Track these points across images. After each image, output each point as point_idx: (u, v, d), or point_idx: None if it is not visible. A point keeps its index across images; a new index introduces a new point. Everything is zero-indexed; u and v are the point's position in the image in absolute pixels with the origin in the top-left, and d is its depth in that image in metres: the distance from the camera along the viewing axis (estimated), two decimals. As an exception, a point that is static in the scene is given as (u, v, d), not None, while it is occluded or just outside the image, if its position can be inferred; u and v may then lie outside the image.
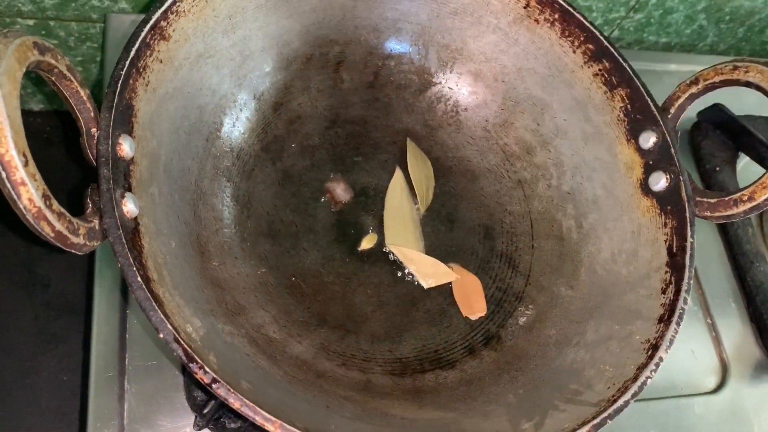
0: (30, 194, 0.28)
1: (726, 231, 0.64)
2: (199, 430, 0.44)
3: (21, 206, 0.28)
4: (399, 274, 0.49)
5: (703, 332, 0.59)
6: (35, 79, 0.69)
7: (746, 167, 0.68)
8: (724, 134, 0.67)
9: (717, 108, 0.65)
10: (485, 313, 0.48)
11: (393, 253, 0.49)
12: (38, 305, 0.65)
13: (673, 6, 0.70)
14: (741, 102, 0.64)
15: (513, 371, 0.44)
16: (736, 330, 0.60)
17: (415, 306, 0.48)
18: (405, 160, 0.53)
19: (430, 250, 0.51)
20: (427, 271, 0.49)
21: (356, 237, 0.50)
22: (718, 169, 0.65)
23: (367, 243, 0.49)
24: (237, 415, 0.44)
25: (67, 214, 0.31)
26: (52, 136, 0.71)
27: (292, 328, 0.44)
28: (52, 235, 0.30)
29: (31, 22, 0.59)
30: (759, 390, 0.57)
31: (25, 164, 0.28)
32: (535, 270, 0.50)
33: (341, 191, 0.50)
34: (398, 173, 0.52)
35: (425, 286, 0.49)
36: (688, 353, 0.58)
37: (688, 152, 0.68)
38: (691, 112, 0.67)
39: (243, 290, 0.44)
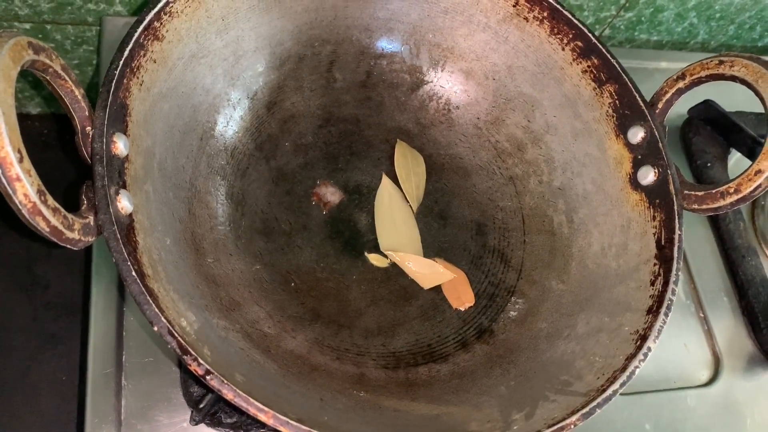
0: (25, 189, 0.29)
1: (718, 226, 0.64)
2: (196, 425, 0.44)
3: (16, 201, 0.29)
4: (392, 270, 0.50)
5: (695, 326, 0.59)
6: (33, 82, 0.70)
7: (738, 163, 0.68)
8: (715, 130, 0.68)
9: (707, 104, 0.66)
10: (473, 303, 0.49)
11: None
12: (37, 306, 0.65)
13: (663, 4, 0.71)
14: (731, 98, 0.64)
15: (505, 364, 0.45)
16: (728, 323, 0.60)
17: (408, 301, 0.49)
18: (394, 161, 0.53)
19: (423, 247, 0.51)
20: (424, 272, 0.50)
21: (349, 234, 0.50)
22: (709, 164, 0.66)
23: (376, 261, 0.50)
24: (233, 410, 0.44)
25: (62, 210, 0.31)
26: (50, 139, 0.72)
27: (286, 324, 0.44)
28: (47, 229, 0.30)
29: (27, 26, 0.60)
30: (751, 382, 0.58)
31: (20, 160, 0.29)
32: (526, 265, 0.51)
33: (330, 195, 0.51)
34: (385, 180, 0.53)
35: (424, 287, 0.49)
36: (681, 347, 0.58)
37: (680, 148, 0.69)
38: (682, 108, 0.68)
39: (237, 286, 0.44)
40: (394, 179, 0.53)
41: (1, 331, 0.63)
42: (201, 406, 0.43)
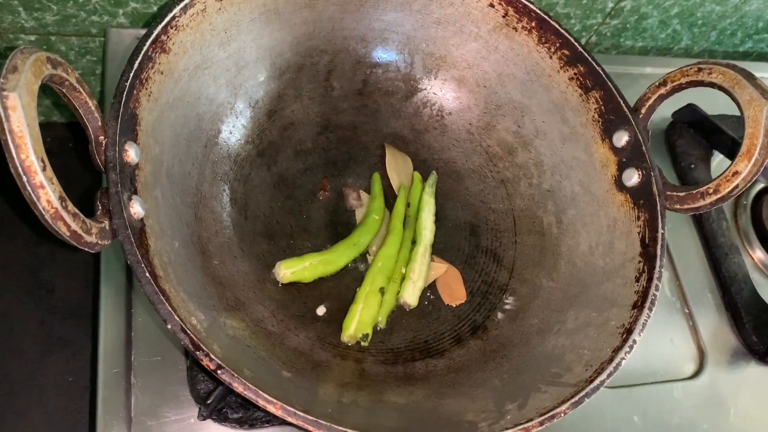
0: (48, 196, 0.31)
1: (701, 225, 0.67)
2: (203, 420, 0.46)
3: (40, 207, 0.31)
4: (390, 270, 0.52)
5: (681, 322, 0.62)
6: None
7: (721, 164, 0.71)
8: (698, 133, 0.70)
9: (690, 108, 0.69)
10: (465, 299, 0.51)
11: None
12: (44, 310, 0.67)
13: (647, 12, 0.74)
14: (713, 102, 0.67)
15: (498, 358, 0.47)
16: (712, 319, 0.62)
17: (406, 300, 0.51)
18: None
19: (419, 248, 0.53)
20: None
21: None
22: (693, 166, 0.69)
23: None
24: (239, 406, 0.46)
25: (81, 215, 0.33)
26: (53, 147, 0.74)
27: (289, 322, 0.46)
28: (68, 234, 0.32)
29: (33, 38, 0.62)
30: (734, 375, 0.60)
31: (44, 169, 0.30)
32: (518, 264, 0.53)
33: (352, 199, 0.53)
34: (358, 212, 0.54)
35: None
36: (667, 342, 0.60)
37: (665, 150, 0.71)
38: (666, 112, 0.70)
39: (242, 287, 0.46)
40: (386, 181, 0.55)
41: (8, 334, 0.65)
42: (208, 402, 0.45)
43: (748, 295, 0.63)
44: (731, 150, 0.66)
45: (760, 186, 0.71)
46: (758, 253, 0.67)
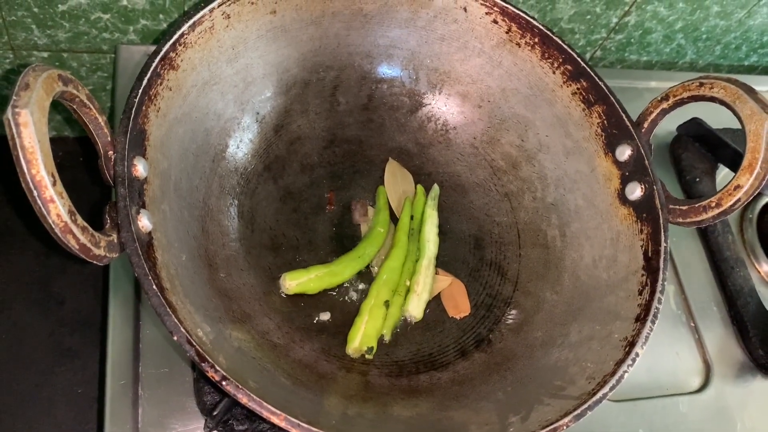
0: (58, 210, 0.31)
1: (707, 238, 0.67)
2: (209, 432, 0.46)
3: (50, 221, 0.31)
4: (394, 283, 0.52)
5: (686, 335, 0.62)
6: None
7: (726, 177, 0.71)
8: (703, 146, 0.70)
9: (695, 122, 0.69)
10: (469, 312, 0.51)
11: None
12: (54, 321, 0.68)
13: (651, 27, 0.74)
14: (719, 115, 0.67)
15: (502, 371, 0.47)
16: (718, 332, 0.62)
17: (410, 312, 0.51)
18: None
19: (424, 261, 0.54)
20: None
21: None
22: (698, 179, 0.69)
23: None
24: (245, 418, 0.47)
25: (90, 228, 0.34)
26: (65, 161, 0.75)
27: (294, 335, 0.47)
28: (77, 247, 0.33)
29: (45, 54, 0.63)
30: (741, 389, 0.60)
31: (54, 183, 0.31)
32: (522, 277, 0.54)
33: (359, 214, 0.54)
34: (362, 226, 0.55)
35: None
36: (673, 355, 0.60)
37: (670, 164, 0.71)
38: (671, 126, 0.71)
39: (248, 299, 0.47)
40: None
41: (18, 345, 0.66)
42: (214, 414, 0.46)
43: (755, 309, 0.62)
44: (735, 163, 0.66)
45: (765, 200, 0.71)
46: (764, 267, 0.67)
